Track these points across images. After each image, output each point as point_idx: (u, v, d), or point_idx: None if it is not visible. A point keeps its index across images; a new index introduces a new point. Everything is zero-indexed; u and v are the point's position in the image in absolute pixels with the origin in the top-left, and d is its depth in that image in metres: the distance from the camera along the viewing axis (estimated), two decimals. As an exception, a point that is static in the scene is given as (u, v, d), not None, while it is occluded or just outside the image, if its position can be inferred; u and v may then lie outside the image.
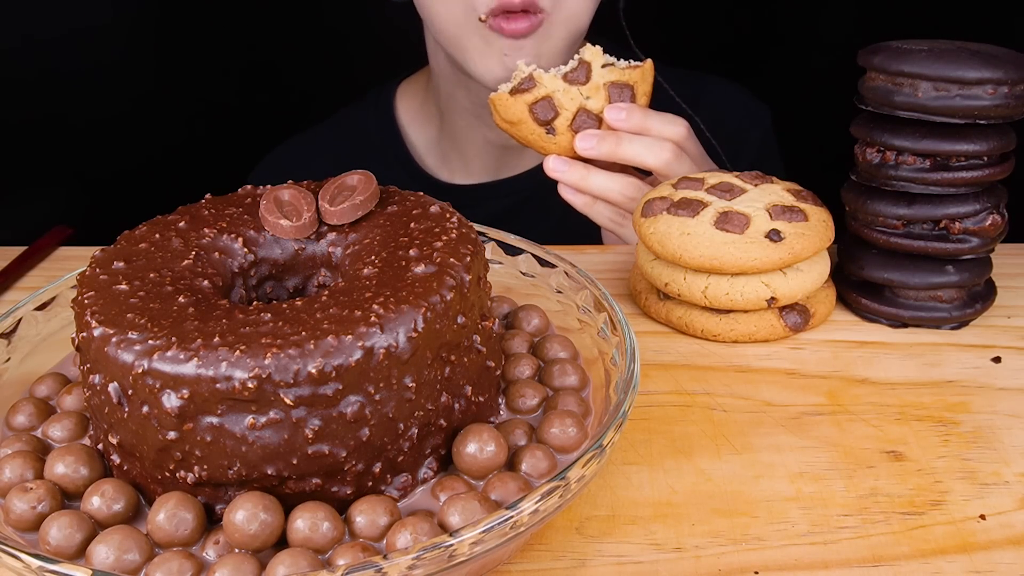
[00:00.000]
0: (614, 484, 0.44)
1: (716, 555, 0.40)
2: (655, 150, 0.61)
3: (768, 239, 0.53)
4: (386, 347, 0.36)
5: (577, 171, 0.63)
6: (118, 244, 0.43)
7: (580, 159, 0.63)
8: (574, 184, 0.63)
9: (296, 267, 0.44)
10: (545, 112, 0.62)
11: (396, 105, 0.89)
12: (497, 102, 0.63)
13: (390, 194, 0.46)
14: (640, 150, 0.61)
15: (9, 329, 0.46)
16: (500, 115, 0.63)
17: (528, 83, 0.62)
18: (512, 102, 0.62)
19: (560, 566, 0.39)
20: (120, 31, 1.15)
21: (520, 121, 0.62)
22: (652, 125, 0.62)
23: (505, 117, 0.63)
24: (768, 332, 0.55)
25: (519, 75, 0.62)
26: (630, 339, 0.43)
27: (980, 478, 0.44)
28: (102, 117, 1.12)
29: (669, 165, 0.62)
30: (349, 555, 0.35)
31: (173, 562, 0.35)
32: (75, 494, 0.39)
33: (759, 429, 0.48)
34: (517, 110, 0.62)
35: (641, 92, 0.63)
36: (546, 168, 0.63)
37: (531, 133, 0.63)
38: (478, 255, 0.42)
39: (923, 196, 0.54)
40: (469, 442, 0.39)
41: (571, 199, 0.64)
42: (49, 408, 0.44)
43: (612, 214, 0.64)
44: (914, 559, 0.40)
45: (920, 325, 0.56)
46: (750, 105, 0.87)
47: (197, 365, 0.35)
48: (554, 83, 0.62)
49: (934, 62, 0.51)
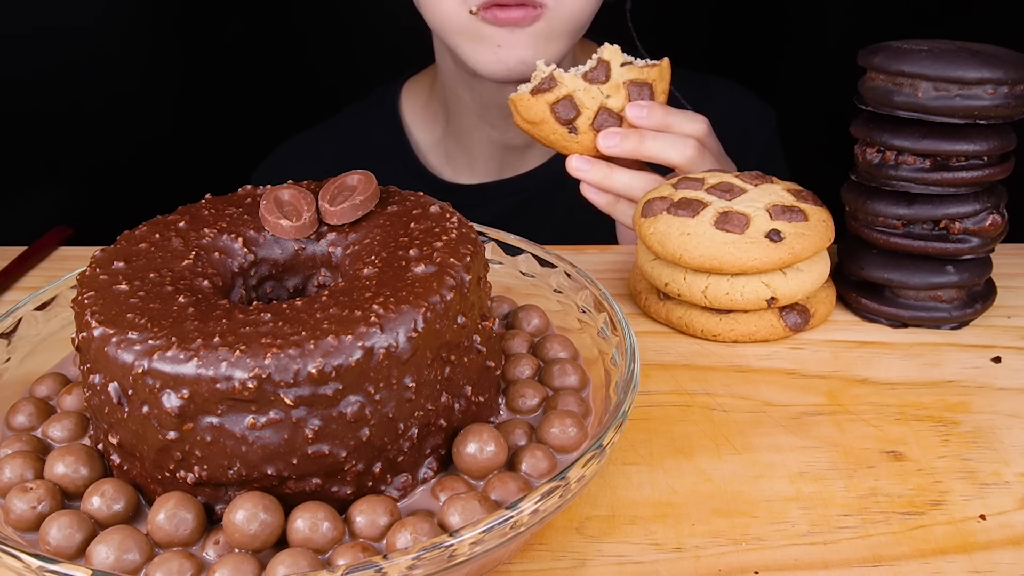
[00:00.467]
0: (614, 484, 0.44)
1: (716, 555, 0.40)
2: (678, 147, 0.62)
3: (768, 239, 0.53)
4: (386, 347, 0.36)
5: (600, 170, 0.63)
6: (118, 244, 0.43)
7: (602, 158, 0.63)
8: (597, 183, 0.63)
9: (296, 267, 0.44)
10: (567, 112, 0.61)
11: (401, 104, 0.88)
12: (518, 102, 0.62)
13: (390, 194, 0.46)
14: (663, 146, 0.61)
15: (9, 329, 0.46)
16: (521, 115, 0.63)
17: (549, 83, 0.61)
18: (533, 102, 0.62)
19: (560, 566, 0.39)
20: (119, 31, 1.15)
21: (541, 121, 0.62)
22: (674, 122, 0.62)
23: (526, 117, 0.63)
24: (768, 332, 0.55)
25: (539, 75, 0.62)
26: (630, 339, 0.43)
27: (980, 478, 0.44)
28: (102, 117, 1.12)
29: (692, 161, 0.62)
30: (349, 555, 0.35)
31: (173, 562, 0.35)
32: (75, 494, 0.39)
33: (759, 429, 0.48)
34: (538, 110, 0.62)
35: (660, 90, 0.63)
36: (569, 168, 0.63)
37: (553, 133, 0.63)
38: (478, 255, 0.42)
39: (923, 196, 0.54)
40: (469, 442, 0.39)
41: (594, 198, 0.64)
42: (49, 408, 0.44)
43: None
44: (914, 559, 0.40)
45: (920, 325, 0.56)
46: (755, 106, 0.87)
47: (197, 365, 0.35)
48: (575, 82, 0.62)
49: (934, 62, 0.51)
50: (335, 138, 0.90)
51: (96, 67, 1.10)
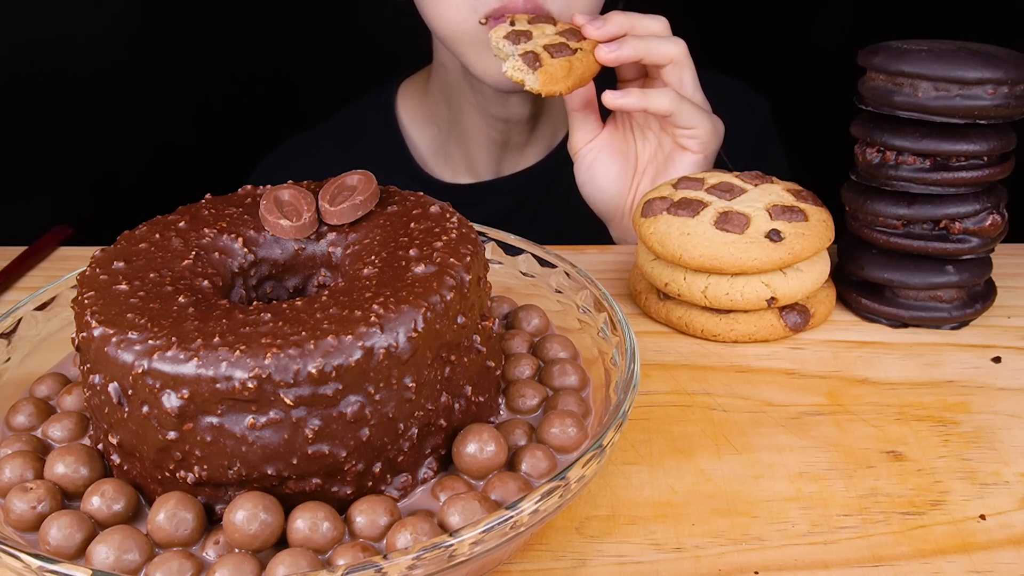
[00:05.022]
0: (614, 484, 0.44)
1: (716, 555, 0.40)
2: (668, 42, 0.63)
3: (768, 239, 0.53)
4: (386, 347, 0.36)
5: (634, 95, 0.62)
6: (118, 244, 0.43)
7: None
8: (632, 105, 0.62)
9: (296, 267, 0.44)
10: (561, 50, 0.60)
11: (397, 105, 0.89)
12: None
13: (390, 194, 0.46)
14: (657, 44, 0.62)
15: (9, 329, 0.46)
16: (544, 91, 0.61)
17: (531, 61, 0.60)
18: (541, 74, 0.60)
19: (560, 566, 0.39)
20: (119, 30, 1.15)
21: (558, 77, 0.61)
22: (636, 20, 0.63)
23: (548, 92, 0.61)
24: (768, 332, 0.55)
25: (516, 67, 0.61)
26: (630, 339, 0.43)
27: (980, 478, 0.44)
28: (102, 117, 1.12)
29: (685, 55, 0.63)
30: (349, 555, 0.35)
31: (173, 562, 0.35)
32: (75, 494, 0.39)
33: (759, 429, 0.48)
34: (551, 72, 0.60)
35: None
36: (605, 101, 0.63)
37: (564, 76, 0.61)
38: (478, 255, 0.42)
39: (923, 196, 0.54)
40: (469, 442, 0.39)
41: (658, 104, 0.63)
42: (49, 408, 0.44)
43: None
44: (914, 559, 0.40)
45: (920, 325, 0.56)
46: (746, 97, 0.87)
47: (197, 365, 0.35)
48: (529, 45, 0.60)
49: (934, 62, 0.51)
50: (333, 140, 0.90)
51: (97, 70, 1.10)
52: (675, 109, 0.62)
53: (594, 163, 0.67)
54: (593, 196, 0.69)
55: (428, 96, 0.87)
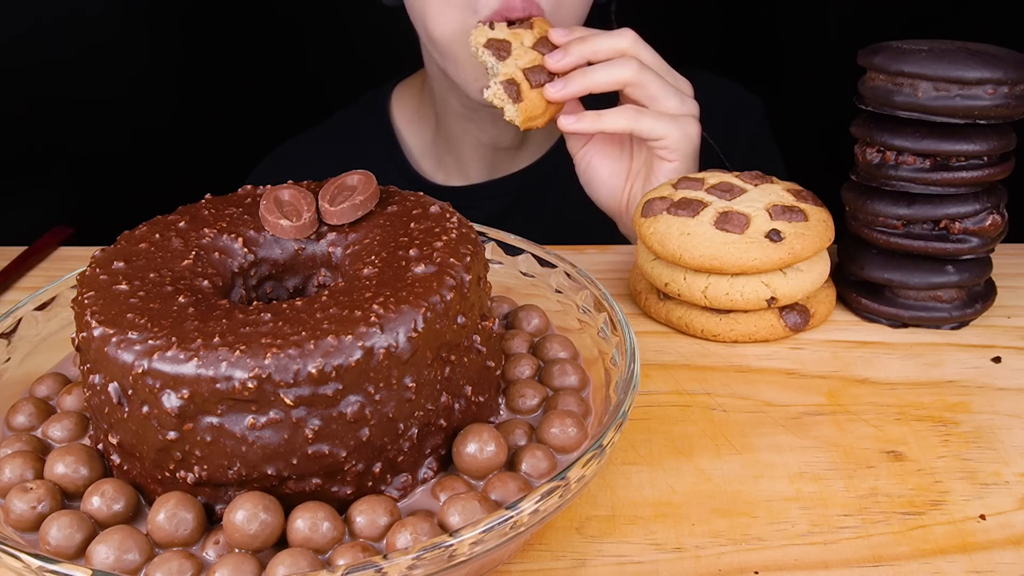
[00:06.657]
0: (614, 484, 0.44)
1: (716, 555, 0.40)
2: (619, 66, 0.62)
3: (768, 239, 0.53)
4: (386, 347, 0.36)
5: (587, 118, 0.63)
6: (118, 244, 0.43)
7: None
8: (586, 128, 0.63)
9: (296, 267, 0.44)
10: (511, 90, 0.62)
11: (392, 107, 0.89)
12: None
13: (390, 194, 0.46)
14: (608, 72, 0.62)
15: (9, 329, 0.46)
16: (522, 120, 0.63)
17: (509, 90, 0.62)
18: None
19: (560, 566, 0.39)
20: (119, 31, 1.15)
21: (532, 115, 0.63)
22: (599, 42, 0.63)
23: (528, 117, 0.63)
24: (768, 332, 0.55)
25: (497, 93, 0.62)
26: (630, 339, 0.43)
27: (980, 478, 0.44)
28: (102, 117, 1.12)
29: (639, 72, 0.62)
30: (349, 555, 0.35)
31: (173, 562, 0.35)
32: (75, 494, 0.39)
33: (759, 429, 0.48)
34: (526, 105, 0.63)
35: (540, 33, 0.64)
36: (561, 127, 0.64)
37: (536, 111, 0.63)
38: (478, 255, 0.42)
39: (923, 196, 0.54)
40: (469, 442, 0.39)
41: (619, 125, 0.64)
42: (49, 408, 0.44)
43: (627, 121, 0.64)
44: (914, 559, 0.40)
45: (920, 325, 0.56)
46: (740, 97, 0.87)
47: (197, 365, 0.35)
48: (509, 66, 0.62)
49: (934, 62, 0.51)
50: (329, 141, 0.90)
51: (97, 69, 1.10)
52: (632, 126, 0.63)
53: (589, 166, 0.69)
54: (593, 195, 0.70)
55: (422, 98, 0.87)
